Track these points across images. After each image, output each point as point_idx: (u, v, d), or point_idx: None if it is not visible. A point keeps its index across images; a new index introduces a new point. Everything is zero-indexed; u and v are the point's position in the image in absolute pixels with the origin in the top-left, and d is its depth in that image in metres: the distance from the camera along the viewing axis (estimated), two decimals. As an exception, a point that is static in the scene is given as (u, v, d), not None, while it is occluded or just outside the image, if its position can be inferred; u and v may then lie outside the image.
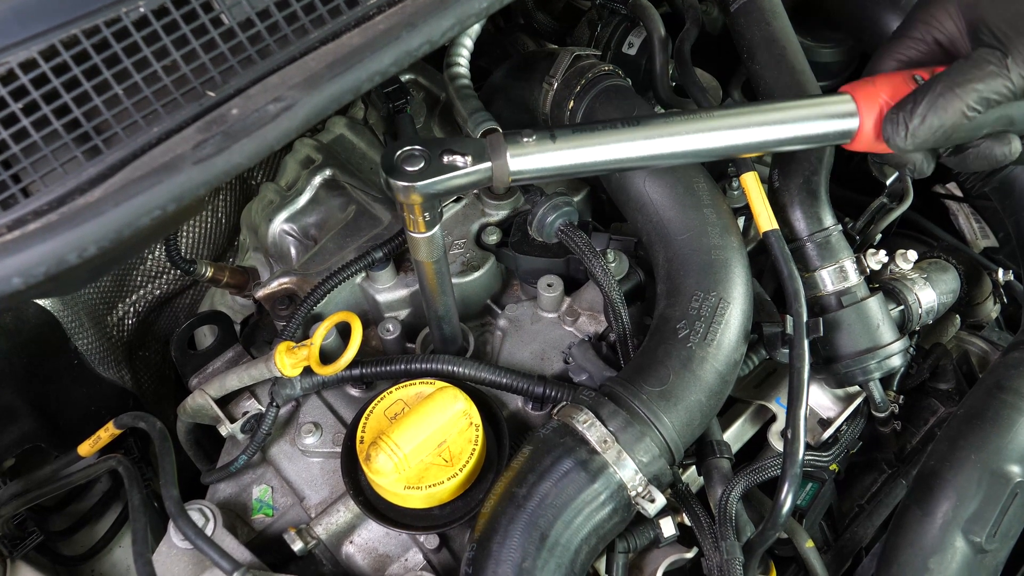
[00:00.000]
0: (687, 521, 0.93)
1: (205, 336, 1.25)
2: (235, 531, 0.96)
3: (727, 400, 0.95)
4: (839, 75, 1.42)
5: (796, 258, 0.98)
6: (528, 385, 0.98)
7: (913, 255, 1.11)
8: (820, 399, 1.06)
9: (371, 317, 1.13)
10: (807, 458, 0.99)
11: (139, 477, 1.02)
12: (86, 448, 1.10)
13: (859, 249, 1.08)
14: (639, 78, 1.32)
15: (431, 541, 0.94)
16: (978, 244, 1.60)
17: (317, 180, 1.20)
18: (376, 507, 0.92)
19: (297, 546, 0.94)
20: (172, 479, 0.95)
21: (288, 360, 0.93)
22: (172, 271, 1.43)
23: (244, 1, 0.68)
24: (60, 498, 1.34)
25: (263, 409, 1.02)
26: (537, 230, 1.07)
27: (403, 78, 1.33)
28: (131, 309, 1.41)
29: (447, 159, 0.79)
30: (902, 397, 1.09)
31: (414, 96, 1.32)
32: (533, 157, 0.80)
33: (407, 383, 0.96)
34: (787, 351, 0.92)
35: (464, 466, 0.89)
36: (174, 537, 0.94)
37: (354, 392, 1.06)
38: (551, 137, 0.81)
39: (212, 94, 0.67)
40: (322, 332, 0.93)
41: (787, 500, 0.86)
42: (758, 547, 0.89)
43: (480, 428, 0.91)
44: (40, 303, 1.18)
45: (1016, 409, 0.95)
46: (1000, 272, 1.24)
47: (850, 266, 1.01)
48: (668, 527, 0.91)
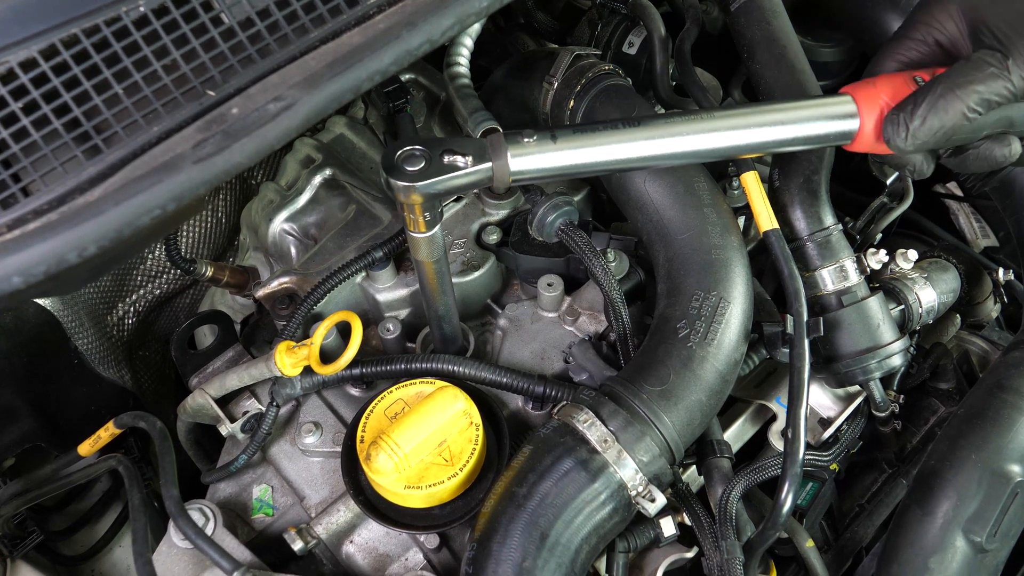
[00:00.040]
0: (687, 521, 0.93)
1: (205, 336, 1.25)
2: (235, 531, 0.96)
3: (727, 399, 0.95)
4: (839, 75, 1.42)
5: (796, 257, 0.97)
6: (528, 385, 0.98)
7: (913, 254, 1.11)
8: (820, 399, 1.06)
9: (371, 317, 1.13)
10: (807, 458, 0.99)
11: (139, 477, 1.02)
12: (86, 448, 1.10)
13: (859, 248, 1.08)
14: (639, 77, 1.32)
15: (431, 541, 0.94)
16: (978, 243, 1.60)
17: (317, 180, 1.21)
18: (376, 507, 0.92)
19: (297, 546, 0.94)
20: (172, 479, 0.95)
21: (288, 359, 0.93)
22: (172, 271, 1.43)
23: (244, 0, 0.68)
24: (60, 498, 1.34)
25: (263, 409, 1.02)
26: (537, 229, 1.07)
27: (403, 77, 1.33)
28: (131, 308, 1.41)
29: (448, 159, 0.79)
30: (902, 397, 1.08)
31: (414, 95, 1.32)
32: (534, 157, 0.80)
33: (407, 383, 0.95)
34: (787, 350, 0.92)
35: (464, 466, 0.89)
36: (174, 537, 0.94)
37: (354, 392, 1.06)
38: (552, 137, 0.81)
39: (212, 93, 0.67)
40: (322, 331, 0.93)
41: (787, 500, 0.86)
42: (758, 547, 0.89)
43: (480, 428, 0.91)
44: (40, 302, 1.18)
45: (1016, 409, 0.95)
46: (1000, 271, 1.24)
47: (850, 265, 1.01)
48: (668, 527, 0.91)
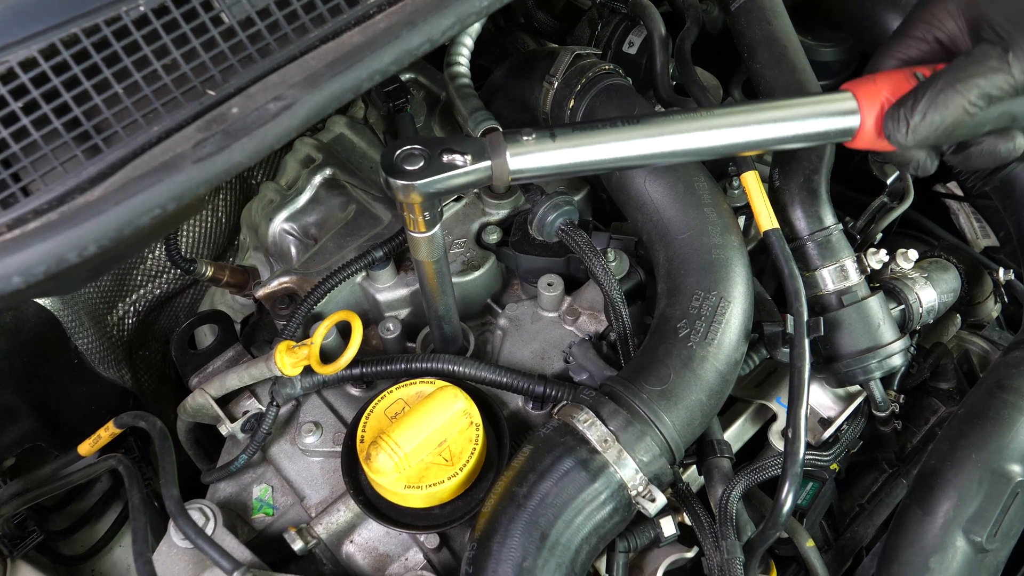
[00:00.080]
0: (688, 520, 0.93)
1: (205, 335, 1.25)
2: (235, 530, 0.96)
3: (728, 399, 0.95)
4: (840, 74, 1.42)
5: (797, 257, 0.97)
6: (528, 384, 0.98)
7: (914, 254, 1.11)
8: (821, 398, 1.06)
9: (371, 316, 1.13)
10: (808, 457, 0.99)
11: (139, 476, 1.02)
12: (86, 447, 1.10)
13: (860, 248, 1.08)
14: (639, 77, 1.32)
15: (431, 540, 0.94)
16: (979, 243, 1.60)
17: (317, 179, 1.21)
18: (376, 506, 0.92)
19: (297, 545, 0.94)
20: (172, 478, 0.95)
21: (288, 359, 0.93)
22: (172, 270, 1.43)
23: (244, -1, 0.68)
24: (60, 497, 1.34)
25: (263, 408, 1.02)
26: (537, 229, 1.07)
27: (403, 77, 1.33)
28: (131, 308, 1.41)
29: (447, 158, 0.79)
30: (903, 396, 1.08)
31: (414, 95, 1.32)
32: (533, 156, 0.80)
33: (407, 382, 0.95)
34: (788, 350, 0.92)
35: (464, 465, 0.89)
36: (174, 536, 0.94)
37: (354, 391, 1.06)
38: (551, 136, 0.80)
39: (212, 93, 0.67)
40: (322, 331, 0.93)
41: (788, 499, 0.86)
42: (759, 546, 0.89)
43: (480, 427, 0.91)
44: (40, 302, 1.18)
45: (1017, 408, 0.95)
46: (1001, 271, 1.24)
47: (851, 265, 1.01)
48: (668, 526, 0.91)
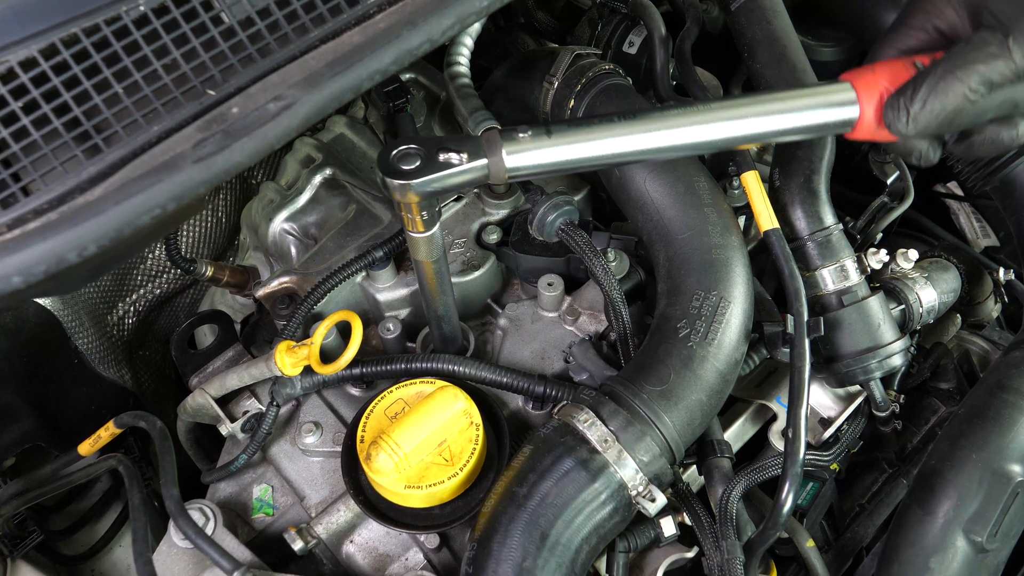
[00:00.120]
0: (688, 520, 0.93)
1: (205, 335, 1.25)
2: (235, 530, 0.96)
3: (728, 399, 0.95)
4: (840, 74, 1.42)
5: (797, 257, 0.97)
6: (528, 384, 0.98)
7: (914, 254, 1.11)
8: (821, 398, 1.06)
9: (371, 316, 1.13)
10: (808, 457, 0.99)
11: (139, 476, 1.02)
12: (86, 447, 1.10)
13: (860, 248, 1.08)
14: (640, 77, 1.32)
15: (431, 540, 0.94)
16: (979, 243, 1.60)
17: (317, 179, 1.21)
18: (376, 506, 0.92)
19: (297, 545, 0.94)
20: (172, 478, 0.95)
21: (288, 359, 0.93)
22: (172, 270, 1.43)
23: (244, -1, 0.68)
24: (60, 497, 1.34)
25: (263, 408, 1.02)
26: (538, 229, 1.07)
27: (403, 77, 1.33)
28: (131, 308, 1.41)
29: (443, 157, 0.79)
30: (903, 396, 1.08)
31: (414, 95, 1.32)
32: (529, 153, 0.79)
33: (407, 382, 0.95)
34: (788, 350, 0.92)
35: (464, 465, 0.89)
36: (174, 536, 0.94)
37: (354, 391, 1.06)
38: (547, 132, 0.80)
39: (212, 93, 0.67)
40: (322, 331, 0.93)
41: (788, 499, 0.85)
42: (759, 546, 0.89)
43: (480, 427, 0.91)
44: (40, 302, 1.18)
45: (1017, 408, 0.95)
46: (1001, 271, 1.24)
47: (851, 265, 1.01)
48: (669, 526, 0.91)
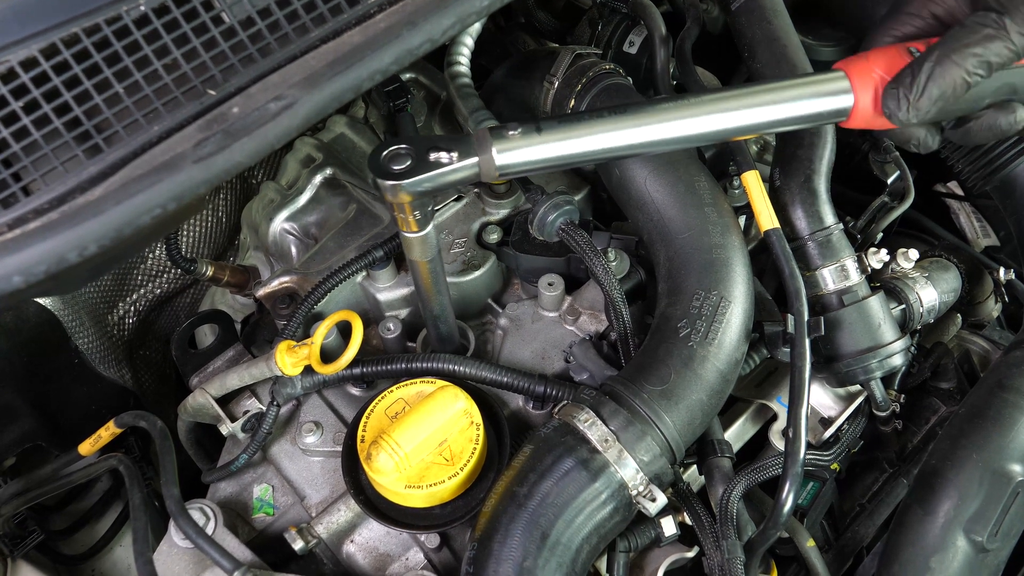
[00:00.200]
0: (688, 520, 0.93)
1: (206, 335, 1.25)
2: (236, 530, 0.96)
3: (728, 399, 0.95)
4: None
5: (797, 257, 0.97)
6: (529, 384, 0.98)
7: (914, 254, 1.11)
8: (821, 398, 1.06)
9: (372, 316, 1.13)
10: (808, 457, 0.99)
11: (140, 476, 1.02)
12: (87, 447, 1.10)
13: (860, 248, 1.08)
14: (640, 77, 1.32)
15: (432, 540, 0.94)
16: (979, 243, 1.60)
17: (318, 179, 1.21)
18: (377, 506, 0.92)
19: (298, 545, 0.94)
20: (173, 478, 0.95)
21: (289, 359, 0.93)
22: (173, 270, 1.43)
23: (245, -1, 0.68)
24: (61, 497, 1.34)
25: (264, 408, 1.02)
26: (538, 229, 1.07)
27: (404, 77, 1.33)
28: (132, 308, 1.41)
29: (433, 156, 0.78)
30: (903, 396, 1.08)
31: (415, 95, 1.32)
32: (519, 151, 0.79)
33: (408, 382, 0.95)
34: (788, 350, 0.92)
35: (465, 465, 0.89)
36: (175, 536, 0.94)
37: (355, 391, 1.06)
38: (537, 129, 0.79)
39: (213, 92, 0.67)
40: (323, 331, 0.93)
41: (788, 499, 0.85)
42: (759, 546, 0.89)
43: (481, 427, 0.91)
44: (40, 302, 1.18)
45: (1018, 408, 0.95)
46: (1001, 271, 1.24)
47: (851, 265, 1.01)
48: (669, 526, 0.91)
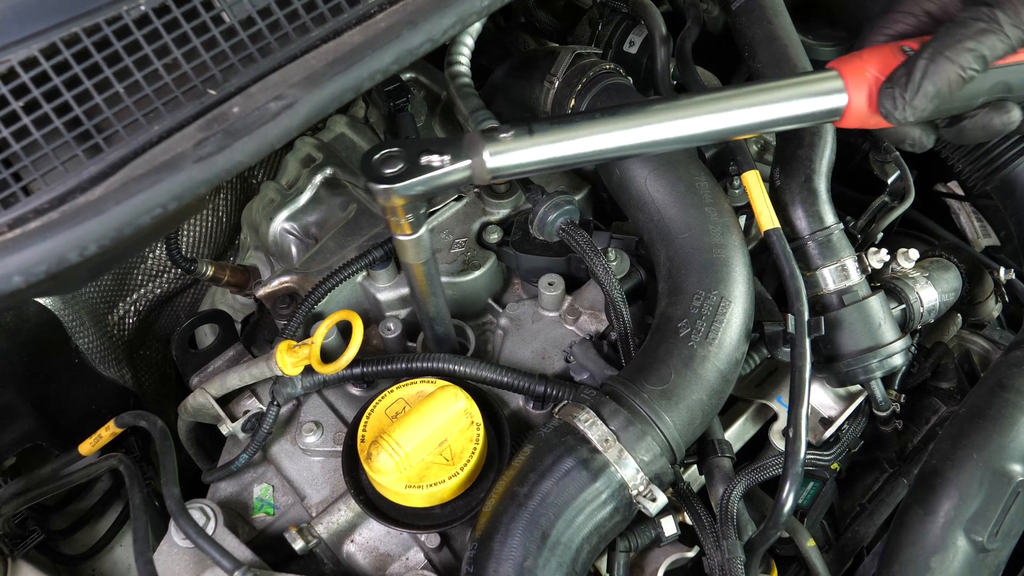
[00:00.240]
0: (688, 520, 0.93)
1: (206, 335, 1.25)
2: (236, 530, 0.96)
3: (728, 399, 0.95)
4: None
5: (797, 257, 0.97)
6: (529, 384, 0.98)
7: (915, 254, 1.11)
8: (821, 398, 1.06)
9: (372, 316, 1.13)
10: (808, 457, 0.99)
11: (140, 476, 1.02)
12: (87, 447, 1.10)
13: (860, 248, 1.08)
14: (640, 77, 1.32)
15: (432, 540, 0.94)
16: (979, 243, 1.60)
17: (318, 179, 1.21)
18: (377, 506, 0.92)
19: (298, 545, 0.94)
20: (173, 478, 0.95)
21: (289, 359, 0.93)
22: (173, 270, 1.43)
23: (245, -1, 0.68)
24: (61, 497, 1.34)
25: (264, 408, 1.02)
26: (538, 229, 1.07)
27: (404, 76, 1.33)
28: (132, 308, 1.41)
29: (425, 159, 0.78)
30: (903, 396, 1.08)
31: (415, 94, 1.32)
32: (511, 153, 0.79)
33: (408, 382, 0.95)
34: (788, 350, 0.92)
35: (465, 465, 0.89)
36: (175, 536, 0.94)
37: (355, 391, 1.06)
38: (528, 131, 0.79)
39: (213, 92, 0.67)
40: (323, 331, 0.93)
41: (788, 499, 0.85)
42: (759, 546, 0.89)
43: (481, 427, 0.91)
44: (41, 302, 1.18)
45: (1018, 408, 0.95)
46: (1002, 271, 1.24)
47: (851, 265, 1.01)
48: (669, 526, 0.91)
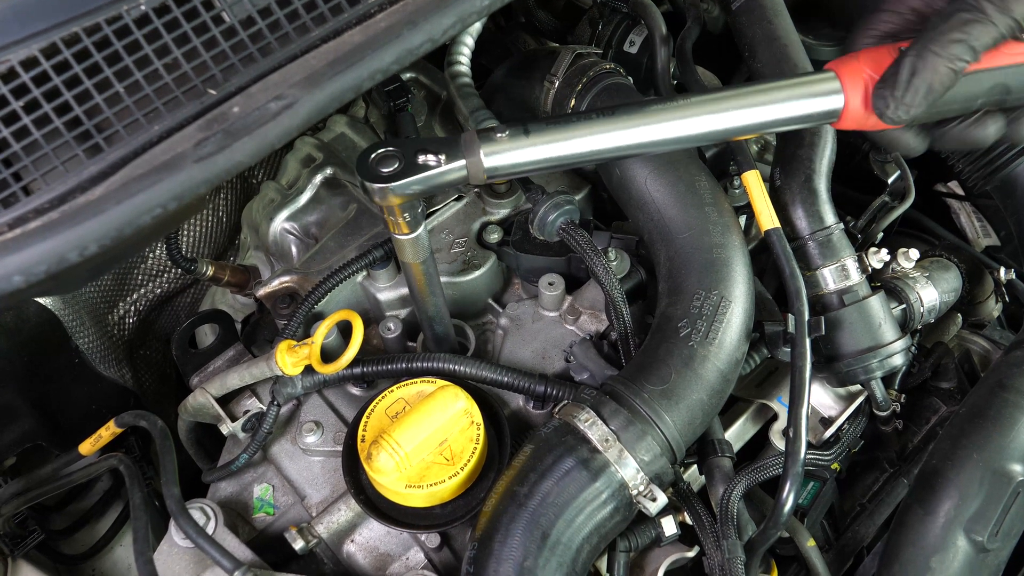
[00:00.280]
0: (688, 520, 0.93)
1: (206, 335, 1.25)
2: (236, 530, 0.96)
3: (728, 399, 0.95)
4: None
5: (798, 257, 0.97)
6: (529, 384, 0.98)
7: (915, 254, 1.11)
8: (822, 398, 1.06)
9: (372, 316, 1.13)
10: (809, 457, 0.99)
11: (140, 476, 1.02)
12: (87, 447, 1.10)
13: (861, 248, 1.08)
14: (640, 76, 1.32)
15: (432, 540, 0.94)
16: (980, 243, 1.60)
17: (318, 179, 1.21)
18: (377, 506, 0.92)
19: (298, 545, 0.94)
20: (173, 478, 0.95)
21: (289, 359, 0.93)
22: (173, 270, 1.43)
23: (245, -2, 0.68)
24: (61, 497, 1.34)
25: (264, 408, 1.02)
26: (538, 228, 1.07)
27: (404, 76, 1.33)
28: (132, 308, 1.41)
29: (421, 159, 0.78)
30: (904, 396, 1.08)
31: (415, 94, 1.32)
32: (507, 153, 0.79)
33: (408, 382, 0.95)
34: (788, 350, 0.92)
35: (465, 465, 0.89)
36: (175, 536, 0.94)
37: (355, 391, 1.06)
38: (524, 132, 0.79)
39: (213, 92, 0.67)
40: (323, 331, 0.93)
41: (789, 499, 0.85)
42: (760, 546, 0.89)
43: (481, 427, 0.91)
44: (41, 301, 1.18)
45: (1018, 408, 0.95)
46: (1002, 271, 1.24)
47: (852, 265, 1.01)
48: (669, 526, 0.91)
